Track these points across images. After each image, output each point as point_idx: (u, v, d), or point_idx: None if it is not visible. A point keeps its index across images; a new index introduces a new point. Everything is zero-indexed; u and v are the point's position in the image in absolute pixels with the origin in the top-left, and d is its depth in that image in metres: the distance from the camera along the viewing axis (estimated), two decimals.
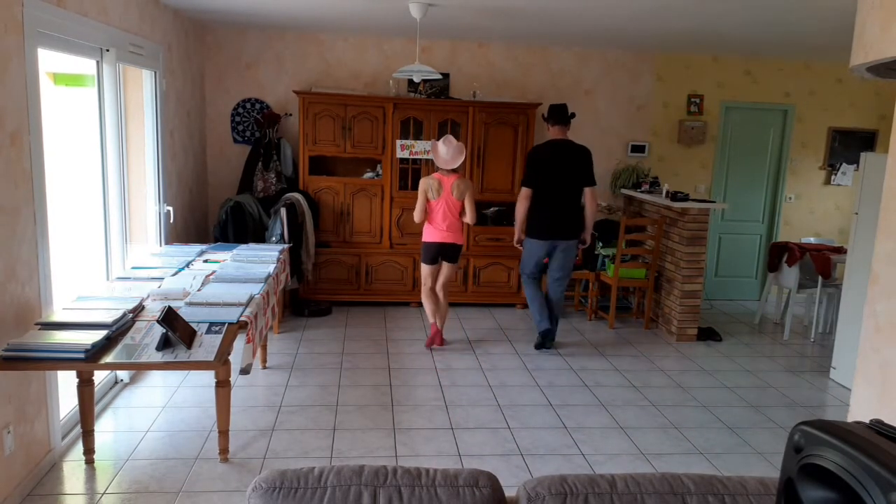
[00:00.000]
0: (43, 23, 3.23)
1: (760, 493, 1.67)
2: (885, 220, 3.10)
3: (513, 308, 6.75)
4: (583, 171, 5.36)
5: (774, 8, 4.54)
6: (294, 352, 5.28)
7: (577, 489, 1.63)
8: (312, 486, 1.58)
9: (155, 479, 3.33)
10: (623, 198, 7.17)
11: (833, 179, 7.51)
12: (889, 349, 2.99)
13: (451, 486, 1.61)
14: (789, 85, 7.28)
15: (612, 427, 4.18)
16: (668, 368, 5.31)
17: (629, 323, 6.51)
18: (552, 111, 5.38)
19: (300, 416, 4.13)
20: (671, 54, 7.09)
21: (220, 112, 6.73)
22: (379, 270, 6.58)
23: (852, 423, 1.08)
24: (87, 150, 4.23)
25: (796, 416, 4.50)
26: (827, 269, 6.05)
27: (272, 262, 4.53)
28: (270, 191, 6.33)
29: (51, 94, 4.00)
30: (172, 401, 4.28)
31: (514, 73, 6.95)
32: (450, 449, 3.80)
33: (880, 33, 2.75)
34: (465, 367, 5.09)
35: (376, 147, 6.41)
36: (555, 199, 5.32)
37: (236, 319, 3.34)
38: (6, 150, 2.96)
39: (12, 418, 3.05)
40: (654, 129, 7.24)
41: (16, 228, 3.06)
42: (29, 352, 2.82)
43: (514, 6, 4.87)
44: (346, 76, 6.77)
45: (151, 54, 4.87)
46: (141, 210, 4.99)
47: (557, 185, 5.30)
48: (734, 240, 7.55)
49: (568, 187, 5.32)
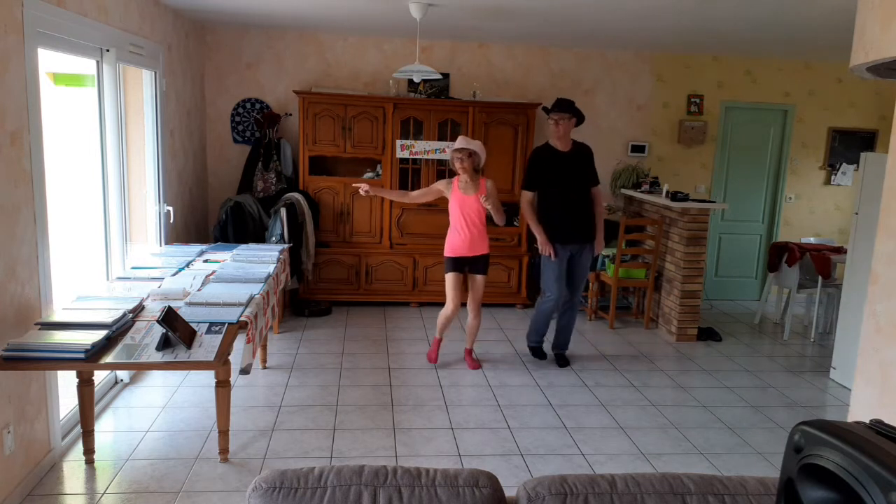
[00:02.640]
0: (43, 23, 3.23)
1: (760, 493, 1.67)
2: (885, 220, 3.10)
3: (513, 308, 6.75)
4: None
5: (774, 8, 4.54)
6: (294, 352, 5.28)
7: (577, 489, 1.63)
8: (312, 486, 1.58)
9: (155, 479, 3.33)
10: (623, 198, 7.17)
11: (833, 179, 7.51)
12: (889, 349, 2.99)
13: (451, 486, 1.61)
14: (789, 85, 7.28)
15: (612, 427, 4.18)
16: (668, 368, 5.31)
17: (629, 323, 6.51)
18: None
19: (300, 416, 4.13)
20: (671, 54, 7.09)
21: (220, 112, 6.73)
22: (379, 270, 6.58)
23: (852, 423, 1.08)
24: (87, 150, 4.23)
25: (796, 416, 4.50)
26: (827, 269, 6.05)
27: (272, 262, 4.53)
28: (270, 191, 6.33)
29: (51, 94, 4.00)
30: (172, 401, 4.28)
31: (514, 73, 6.95)
32: (450, 449, 3.80)
33: (880, 33, 2.75)
34: (465, 368, 5.09)
35: (376, 147, 6.41)
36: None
37: (236, 319, 3.34)
38: (6, 150, 2.96)
39: (12, 418, 3.05)
40: (654, 129, 7.24)
41: (16, 228, 3.06)
42: (29, 352, 2.82)
43: (514, 6, 4.87)
44: (346, 76, 6.77)
45: (151, 54, 4.87)
46: (141, 210, 4.99)
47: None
48: (734, 240, 7.55)
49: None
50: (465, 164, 4.69)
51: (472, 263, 4.88)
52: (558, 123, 4.94)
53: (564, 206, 5.01)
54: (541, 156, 5.06)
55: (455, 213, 4.83)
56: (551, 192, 5.02)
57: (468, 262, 4.88)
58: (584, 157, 5.09)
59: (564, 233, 5.02)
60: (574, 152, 5.05)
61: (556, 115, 4.94)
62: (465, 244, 4.82)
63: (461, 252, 4.83)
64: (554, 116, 4.95)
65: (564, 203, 5.01)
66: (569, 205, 5.01)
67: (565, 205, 5.01)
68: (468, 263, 4.88)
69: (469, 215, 4.78)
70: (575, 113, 4.98)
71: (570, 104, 4.99)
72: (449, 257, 4.87)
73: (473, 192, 4.76)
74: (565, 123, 4.95)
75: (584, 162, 5.08)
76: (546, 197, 5.05)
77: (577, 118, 5.01)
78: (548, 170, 5.01)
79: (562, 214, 5.01)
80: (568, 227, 5.01)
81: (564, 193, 5.00)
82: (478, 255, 4.87)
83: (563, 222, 5.01)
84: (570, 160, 5.01)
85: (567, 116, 4.94)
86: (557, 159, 5.00)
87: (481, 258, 4.89)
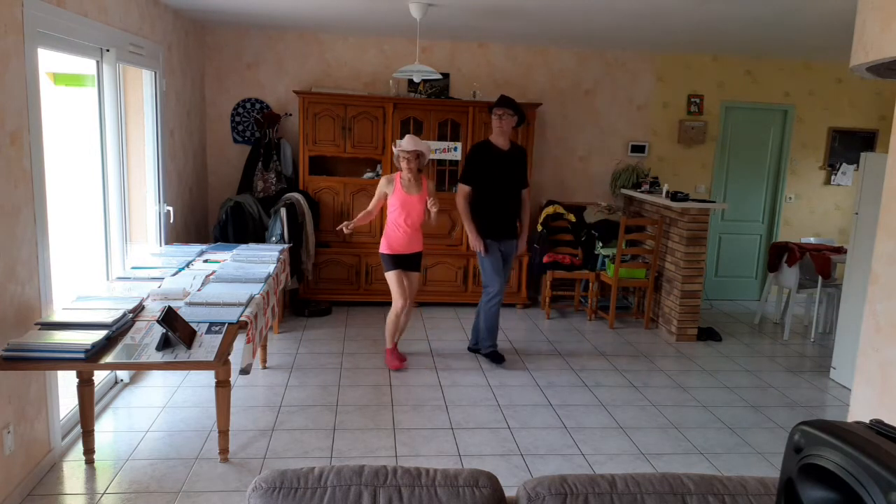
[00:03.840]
0: (43, 23, 3.23)
1: (760, 493, 1.67)
2: (885, 220, 3.10)
3: (513, 308, 6.75)
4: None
5: (774, 8, 4.54)
6: (294, 352, 5.28)
7: (577, 489, 1.63)
8: (312, 486, 1.58)
9: (155, 479, 3.33)
10: (623, 198, 7.18)
11: (833, 179, 7.51)
12: (889, 349, 2.99)
13: (451, 486, 1.61)
14: (789, 85, 7.28)
15: (612, 427, 4.18)
16: (668, 368, 5.31)
17: (629, 323, 6.51)
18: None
19: (300, 416, 4.13)
20: (671, 54, 7.09)
21: (220, 112, 6.73)
22: (379, 270, 6.56)
23: (852, 423, 1.08)
24: (87, 149, 4.23)
25: (796, 416, 4.50)
26: (827, 269, 6.05)
27: (272, 262, 4.53)
28: (270, 191, 6.33)
29: (51, 94, 4.00)
30: (172, 401, 4.28)
31: (514, 73, 6.95)
32: (450, 449, 3.80)
33: (880, 33, 2.75)
34: (465, 368, 5.09)
35: (376, 147, 6.41)
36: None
37: (236, 319, 3.34)
38: (6, 150, 2.96)
39: (12, 418, 3.05)
40: (654, 129, 7.24)
41: (16, 228, 3.06)
42: (29, 352, 2.82)
43: (514, 6, 4.87)
44: (346, 76, 6.77)
45: (151, 54, 4.87)
46: (141, 210, 4.99)
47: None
48: (734, 240, 7.55)
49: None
50: (412, 164, 4.75)
51: (408, 261, 4.93)
52: (501, 119, 4.96)
53: (499, 203, 5.09)
54: (481, 152, 5.08)
55: (396, 211, 4.83)
56: (488, 188, 5.04)
57: (405, 260, 4.91)
58: (519, 158, 5.16)
59: (497, 228, 5.10)
60: (512, 152, 5.09)
61: (499, 110, 4.96)
62: (403, 242, 4.86)
63: (399, 249, 4.86)
64: (497, 111, 4.96)
65: (499, 200, 5.08)
66: (502, 202, 5.10)
67: (500, 202, 5.09)
68: (405, 261, 4.92)
69: (410, 214, 4.82)
70: (517, 111, 5.00)
71: (513, 101, 5.01)
72: (387, 254, 4.88)
73: (416, 191, 4.81)
74: (508, 119, 4.97)
75: (519, 163, 5.15)
76: (482, 193, 5.06)
77: (519, 117, 5.04)
78: (487, 166, 5.03)
79: (496, 211, 5.08)
80: (500, 223, 5.11)
81: (500, 191, 5.08)
82: (413, 253, 4.94)
83: (496, 218, 5.09)
84: (507, 159, 5.06)
85: (510, 113, 4.96)
86: (496, 157, 5.03)
87: (416, 256, 4.97)
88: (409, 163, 4.74)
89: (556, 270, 6.48)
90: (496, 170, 5.04)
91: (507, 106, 4.97)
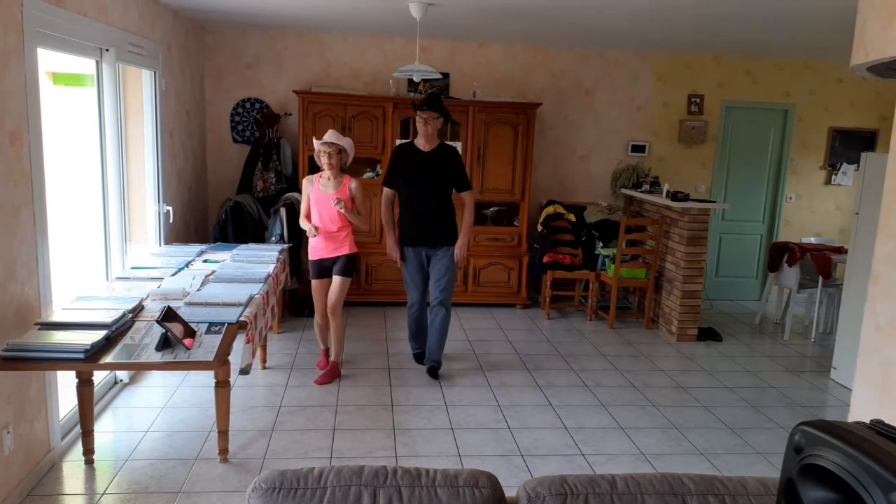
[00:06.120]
0: (43, 23, 3.23)
1: (761, 494, 1.67)
2: (885, 220, 3.10)
3: (513, 308, 6.75)
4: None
5: (774, 8, 4.54)
6: (294, 352, 5.28)
7: (577, 489, 1.63)
8: (312, 486, 1.58)
9: (154, 479, 3.33)
10: (623, 198, 7.18)
11: (833, 179, 7.51)
12: (889, 349, 2.99)
13: (451, 487, 1.60)
14: (789, 85, 7.28)
15: (612, 427, 4.17)
16: (669, 368, 5.30)
17: (629, 323, 6.50)
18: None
19: (300, 416, 4.13)
20: (671, 54, 7.09)
21: (219, 112, 6.73)
22: (379, 270, 6.58)
23: (852, 424, 1.08)
24: (87, 149, 4.23)
25: (796, 416, 4.50)
26: (827, 269, 6.04)
27: (272, 262, 4.53)
28: (270, 191, 6.33)
29: (51, 94, 4.00)
30: (172, 401, 4.28)
31: (514, 73, 6.95)
32: (450, 449, 3.79)
33: (881, 33, 2.75)
34: (465, 368, 5.09)
35: (376, 147, 6.41)
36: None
37: (236, 319, 3.34)
38: (6, 150, 2.95)
39: (12, 418, 3.05)
40: (654, 129, 7.23)
41: (15, 228, 3.05)
42: (29, 352, 2.82)
43: (514, 6, 4.86)
44: (346, 76, 6.77)
45: (151, 54, 4.86)
46: (140, 210, 4.99)
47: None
48: (734, 240, 7.55)
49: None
50: (333, 160, 4.43)
51: (333, 265, 4.61)
52: (427, 122, 4.62)
53: (414, 207, 4.76)
54: (399, 154, 4.81)
55: (312, 212, 4.56)
56: (405, 191, 4.77)
57: (330, 265, 4.62)
58: (447, 160, 4.75)
59: (412, 235, 4.77)
60: (437, 154, 4.72)
61: (424, 113, 4.62)
62: (320, 245, 4.57)
63: (320, 254, 4.59)
64: (423, 115, 4.63)
65: (415, 204, 4.76)
66: (419, 206, 4.75)
67: (416, 206, 4.76)
68: (325, 268, 4.63)
69: (323, 215, 4.51)
70: (444, 112, 4.70)
71: (439, 102, 4.70)
72: (311, 261, 4.65)
73: (333, 190, 4.50)
74: (434, 122, 4.63)
75: (446, 164, 4.74)
76: (404, 197, 4.79)
77: (445, 118, 4.72)
78: (403, 168, 4.74)
79: (411, 215, 4.77)
80: (416, 228, 4.76)
81: (416, 194, 4.74)
82: (338, 256, 4.59)
83: (410, 223, 4.77)
84: (429, 161, 4.70)
85: (436, 115, 4.63)
86: (415, 159, 4.72)
87: (341, 259, 4.59)
88: (329, 157, 4.40)
89: (557, 270, 6.48)
90: (416, 173, 4.70)
91: (433, 108, 4.62)
